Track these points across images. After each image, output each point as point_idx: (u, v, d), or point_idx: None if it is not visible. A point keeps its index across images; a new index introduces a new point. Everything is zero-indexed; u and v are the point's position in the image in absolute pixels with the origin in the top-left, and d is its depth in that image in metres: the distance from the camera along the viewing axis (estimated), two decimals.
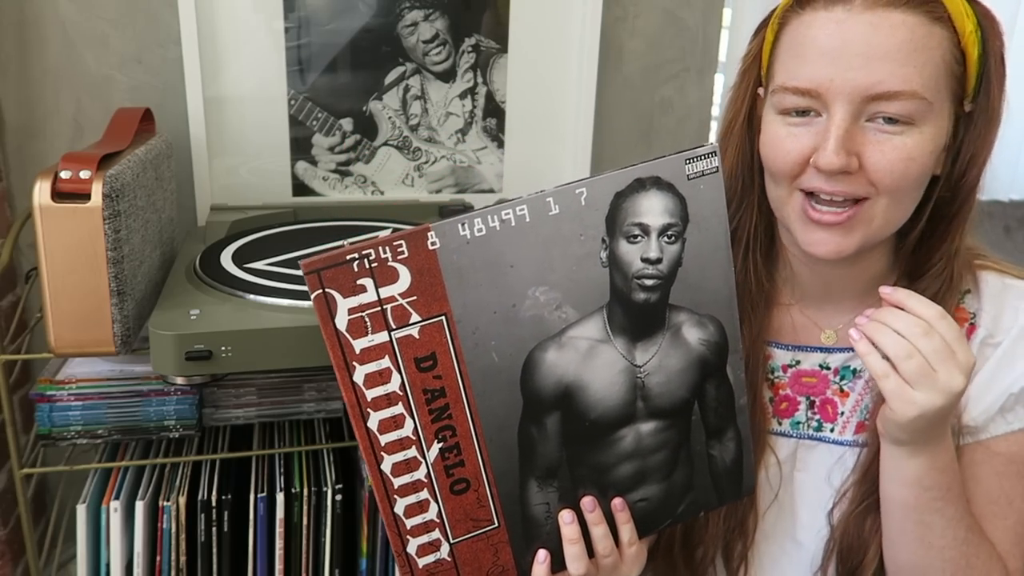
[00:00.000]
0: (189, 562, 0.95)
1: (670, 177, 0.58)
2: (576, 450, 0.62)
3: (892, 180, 0.62)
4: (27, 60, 1.11)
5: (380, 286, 0.54)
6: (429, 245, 0.54)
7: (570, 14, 1.28)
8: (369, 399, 0.57)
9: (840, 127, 0.61)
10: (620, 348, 0.60)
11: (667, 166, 0.58)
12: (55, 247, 0.77)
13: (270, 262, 0.97)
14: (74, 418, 0.92)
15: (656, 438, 0.64)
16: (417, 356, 0.56)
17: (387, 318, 0.55)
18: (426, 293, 0.55)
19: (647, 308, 0.60)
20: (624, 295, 0.59)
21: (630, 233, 0.58)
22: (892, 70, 0.59)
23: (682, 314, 0.61)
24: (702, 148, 0.58)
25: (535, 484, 0.62)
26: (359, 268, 0.53)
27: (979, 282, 0.72)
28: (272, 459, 1.01)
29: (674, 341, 0.62)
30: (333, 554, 0.98)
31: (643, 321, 0.60)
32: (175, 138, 1.14)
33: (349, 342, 0.55)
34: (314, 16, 1.18)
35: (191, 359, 0.79)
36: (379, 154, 1.27)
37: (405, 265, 0.54)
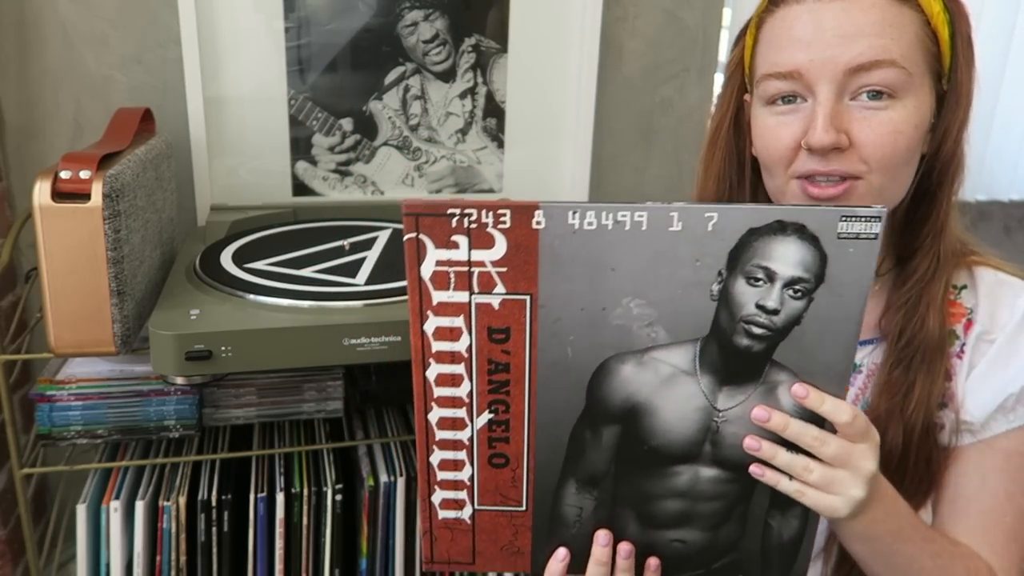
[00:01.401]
0: (189, 562, 0.95)
1: (817, 229, 0.52)
2: (626, 469, 0.60)
3: (882, 154, 0.63)
4: (27, 60, 1.11)
5: (473, 248, 0.53)
6: (533, 224, 0.53)
7: (570, 14, 1.29)
8: (433, 351, 0.56)
9: (826, 105, 0.63)
10: (703, 386, 0.57)
11: (818, 217, 0.52)
12: (55, 247, 0.77)
13: (270, 262, 0.97)
14: (74, 418, 0.92)
15: (714, 487, 0.60)
16: (492, 326, 0.56)
17: (472, 280, 0.54)
18: (517, 269, 0.54)
19: (746, 355, 0.56)
20: (725, 335, 0.55)
21: (752, 274, 0.54)
22: (869, 42, 0.62)
23: (783, 374, 0.56)
24: (868, 209, 0.52)
25: (573, 485, 0.61)
26: (457, 224, 0.53)
27: (975, 278, 0.72)
28: (272, 459, 1.01)
29: (765, 397, 0.57)
30: (333, 554, 0.98)
31: (737, 367, 0.56)
32: (175, 138, 1.14)
33: (428, 291, 0.55)
34: (314, 16, 1.18)
35: (191, 359, 0.79)
36: (379, 154, 1.27)
37: (504, 235, 0.53)
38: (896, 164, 0.65)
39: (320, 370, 1.00)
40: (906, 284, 0.70)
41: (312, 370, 1.00)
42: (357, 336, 0.83)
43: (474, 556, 0.64)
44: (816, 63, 0.63)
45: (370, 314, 0.85)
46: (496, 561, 0.64)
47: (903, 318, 0.70)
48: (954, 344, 0.71)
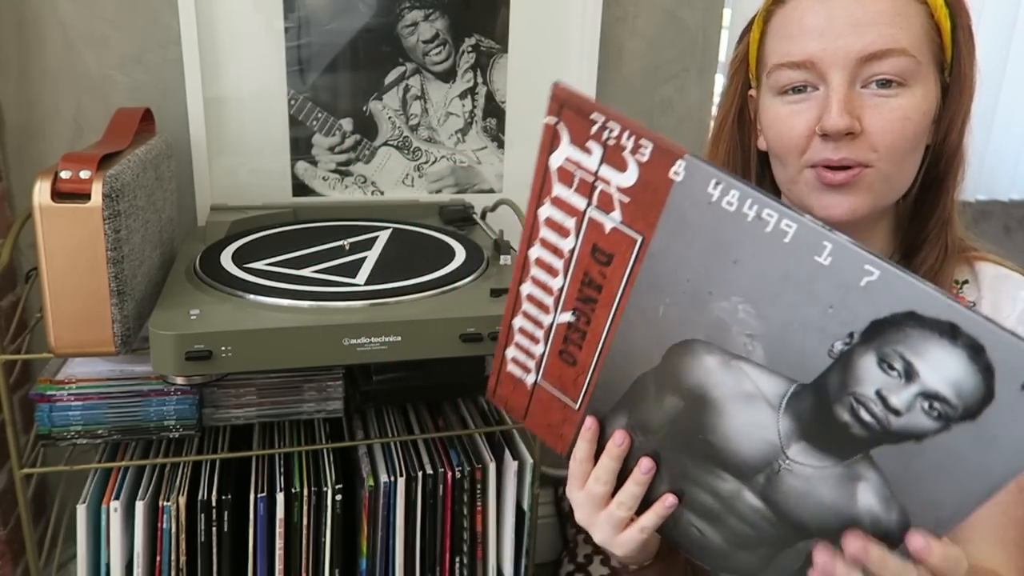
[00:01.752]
0: (189, 562, 0.95)
1: (999, 360, 0.40)
2: (678, 441, 0.56)
3: (892, 140, 0.64)
4: (27, 60, 1.11)
5: (604, 162, 0.51)
6: (671, 173, 0.48)
7: (570, 14, 1.29)
8: (540, 235, 0.56)
9: (839, 91, 0.64)
10: (782, 427, 0.50)
11: (1007, 350, 0.40)
12: (55, 247, 0.77)
13: (270, 262, 0.97)
14: (74, 418, 0.92)
15: (753, 515, 0.55)
16: (597, 244, 0.54)
17: (593, 193, 0.52)
18: (639, 206, 0.50)
19: (840, 428, 0.47)
20: (828, 397, 0.47)
21: (889, 359, 0.44)
22: (880, 31, 0.63)
23: (872, 473, 0.47)
24: None
25: (624, 419, 0.59)
26: (596, 132, 0.50)
27: (977, 272, 0.73)
28: (272, 459, 1.01)
29: (839, 480, 0.49)
30: (333, 554, 0.98)
31: (826, 434, 0.48)
32: (175, 138, 1.14)
33: (551, 181, 0.54)
34: (314, 16, 1.18)
35: (191, 359, 0.79)
36: (379, 154, 1.27)
37: (638, 167, 0.49)
38: (904, 151, 0.66)
39: (320, 370, 1.00)
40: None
41: (312, 370, 1.00)
42: (357, 336, 0.83)
43: (526, 414, 0.65)
44: (829, 51, 0.64)
45: (370, 314, 0.85)
46: (541, 430, 0.65)
47: None
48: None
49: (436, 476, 1.01)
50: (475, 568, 1.07)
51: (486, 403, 1.16)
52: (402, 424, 1.09)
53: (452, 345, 0.86)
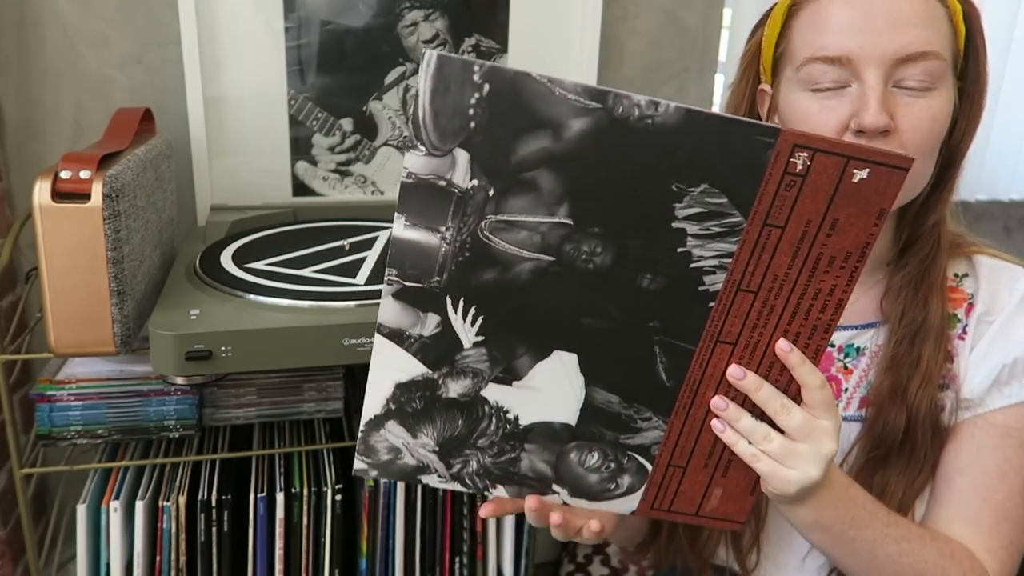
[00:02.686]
0: (189, 562, 0.95)
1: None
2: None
3: (921, 139, 0.65)
4: (27, 60, 1.11)
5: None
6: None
7: (570, 14, 1.28)
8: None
9: (877, 89, 0.64)
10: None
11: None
12: (55, 247, 0.77)
13: (270, 262, 0.97)
14: (74, 418, 0.92)
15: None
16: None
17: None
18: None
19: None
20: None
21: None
22: (917, 33, 0.63)
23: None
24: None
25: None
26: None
27: (975, 265, 0.75)
28: (272, 459, 1.01)
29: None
30: (333, 554, 0.98)
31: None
32: (175, 138, 1.14)
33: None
34: (314, 16, 1.18)
35: (191, 359, 0.79)
36: (379, 154, 1.27)
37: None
38: (930, 150, 0.67)
39: (320, 370, 1.00)
40: (906, 268, 0.72)
41: (312, 370, 1.00)
42: (357, 336, 0.83)
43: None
44: (867, 49, 0.64)
45: (370, 314, 0.85)
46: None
47: (905, 300, 0.72)
48: (956, 327, 0.72)
49: None
50: (475, 568, 1.07)
51: None
52: None
53: None
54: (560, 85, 0.47)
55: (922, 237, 0.72)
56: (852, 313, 0.76)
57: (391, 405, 0.56)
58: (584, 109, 0.47)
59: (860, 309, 0.76)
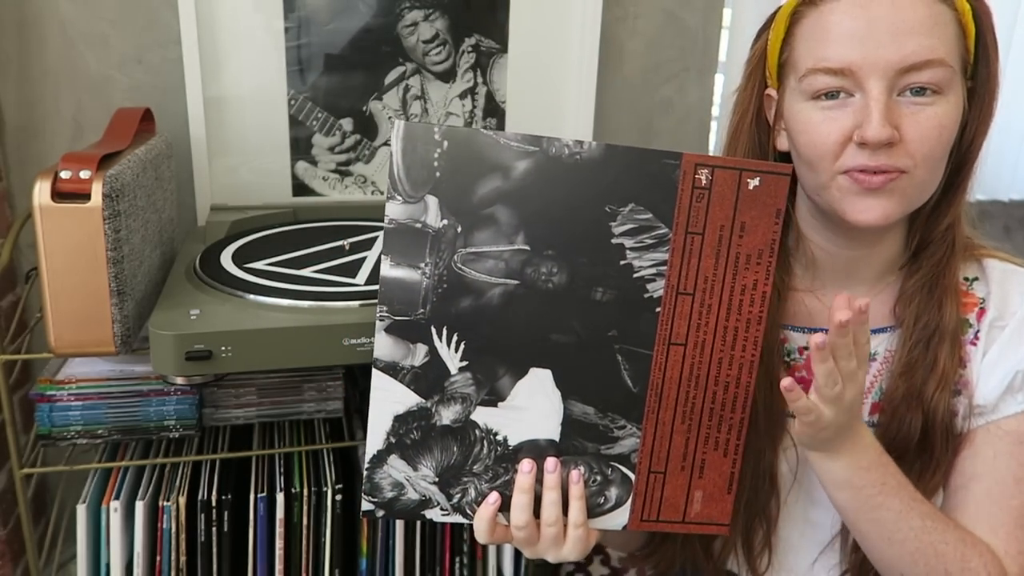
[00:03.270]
0: (189, 562, 0.95)
1: None
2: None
3: (929, 148, 0.64)
4: (27, 60, 1.11)
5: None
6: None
7: (570, 14, 1.28)
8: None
9: (880, 101, 0.63)
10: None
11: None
12: (55, 247, 0.77)
13: (270, 262, 0.97)
14: (74, 418, 0.92)
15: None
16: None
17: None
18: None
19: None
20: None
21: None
22: (919, 41, 0.62)
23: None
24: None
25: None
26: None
27: (985, 269, 0.74)
28: (272, 459, 1.01)
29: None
30: (333, 554, 0.98)
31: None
32: (175, 138, 1.14)
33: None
34: (314, 16, 1.18)
35: (191, 359, 0.79)
36: (379, 154, 1.27)
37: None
38: (938, 158, 0.66)
39: (320, 370, 1.00)
40: (920, 271, 0.72)
41: (312, 370, 1.00)
42: (357, 336, 0.83)
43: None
44: (869, 60, 0.63)
45: (370, 314, 0.85)
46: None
47: (919, 304, 0.71)
48: (968, 332, 0.72)
49: None
50: (475, 568, 1.07)
51: None
52: None
53: None
54: (503, 136, 0.58)
55: (935, 240, 0.71)
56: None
57: (391, 439, 0.62)
58: (524, 152, 0.57)
59: (872, 313, 0.75)
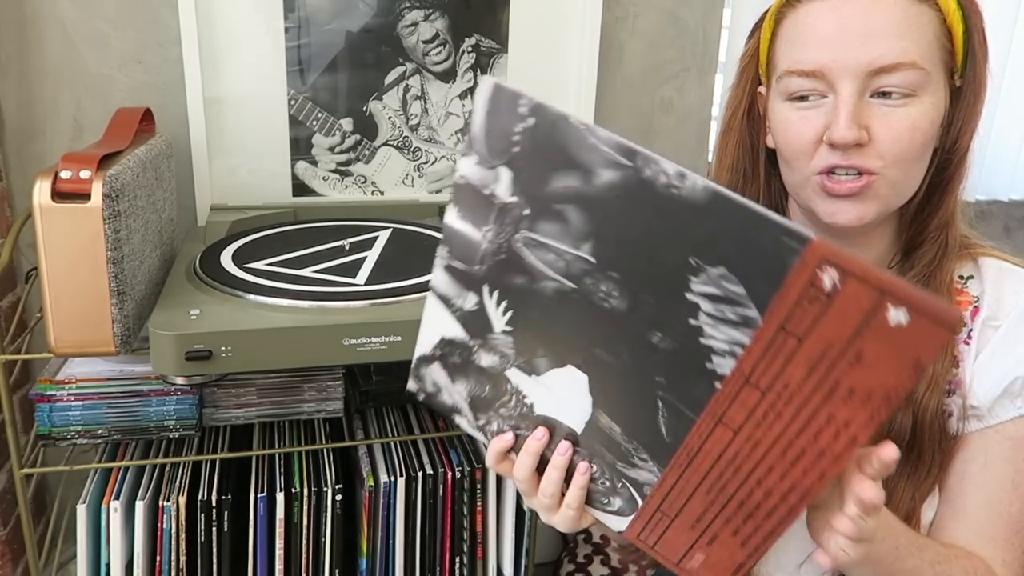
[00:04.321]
0: (189, 562, 0.95)
1: None
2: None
3: (899, 150, 0.64)
4: (27, 60, 1.11)
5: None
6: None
7: (570, 14, 1.29)
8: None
9: (848, 103, 0.64)
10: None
11: None
12: (55, 247, 0.77)
13: (270, 262, 0.97)
14: (74, 418, 0.92)
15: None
16: None
17: None
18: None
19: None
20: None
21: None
22: (890, 44, 0.63)
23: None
24: None
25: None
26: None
27: (980, 268, 0.74)
28: (272, 459, 1.01)
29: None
30: (333, 554, 0.98)
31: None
32: (175, 138, 1.14)
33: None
34: (314, 16, 1.18)
35: (191, 359, 0.79)
36: (379, 154, 1.27)
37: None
38: (911, 159, 0.66)
39: (320, 370, 1.00)
40: (911, 271, 0.72)
41: (312, 370, 1.00)
42: (357, 336, 0.83)
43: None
44: (839, 62, 0.64)
45: (370, 314, 0.85)
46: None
47: None
48: (961, 331, 0.71)
49: (436, 476, 1.01)
50: (475, 568, 1.07)
51: None
52: (402, 424, 1.09)
53: None
54: (594, 134, 0.48)
55: (927, 240, 0.71)
56: None
57: (437, 351, 0.61)
58: (614, 162, 0.49)
59: None
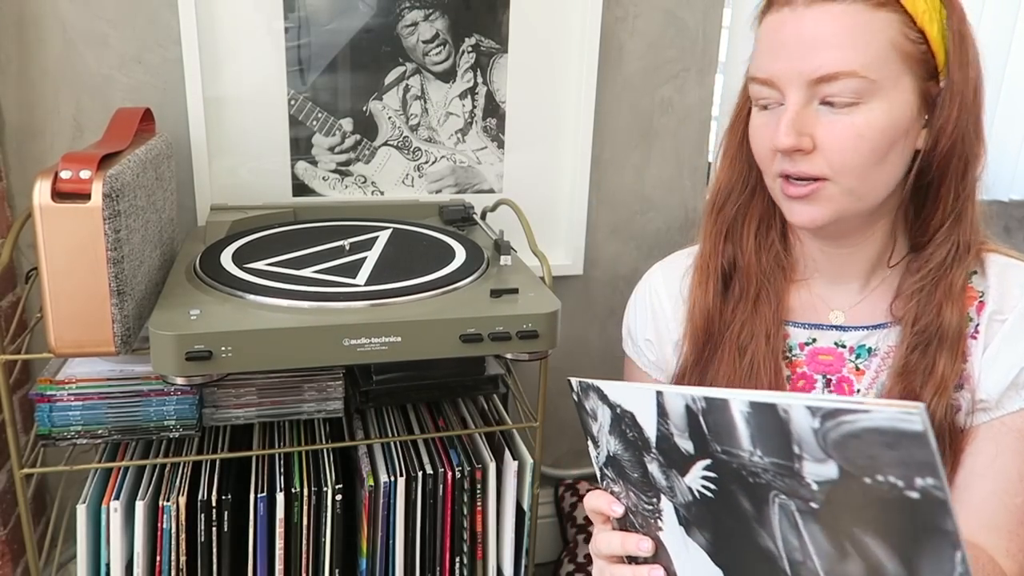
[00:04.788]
0: (189, 562, 0.95)
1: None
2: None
3: (843, 157, 0.66)
4: (27, 60, 1.11)
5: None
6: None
7: (570, 14, 1.29)
8: None
9: (790, 110, 0.66)
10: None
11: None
12: (55, 247, 0.77)
13: (270, 262, 0.97)
14: (74, 418, 0.92)
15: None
16: None
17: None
18: None
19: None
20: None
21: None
22: (832, 55, 0.64)
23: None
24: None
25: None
26: None
27: (985, 264, 0.74)
28: (272, 459, 1.01)
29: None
30: (333, 554, 0.98)
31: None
32: (175, 138, 1.14)
33: None
34: (314, 16, 1.18)
35: (191, 359, 0.79)
36: (379, 154, 1.27)
37: None
38: (862, 166, 0.66)
39: (320, 370, 1.00)
40: (920, 271, 0.72)
41: (312, 370, 1.00)
42: (357, 336, 0.83)
43: None
44: (785, 71, 0.66)
45: (370, 314, 0.85)
46: None
47: (917, 305, 0.72)
48: (968, 326, 0.72)
49: (436, 476, 1.01)
50: (475, 568, 1.07)
51: (486, 403, 1.16)
52: (402, 424, 1.09)
53: (452, 345, 0.86)
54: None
55: (933, 242, 0.71)
56: (861, 314, 0.76)
57: (619, 411, 0.57)
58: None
59: (868, 310, 0.76)
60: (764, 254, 0.78)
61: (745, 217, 0.79)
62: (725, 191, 0.79)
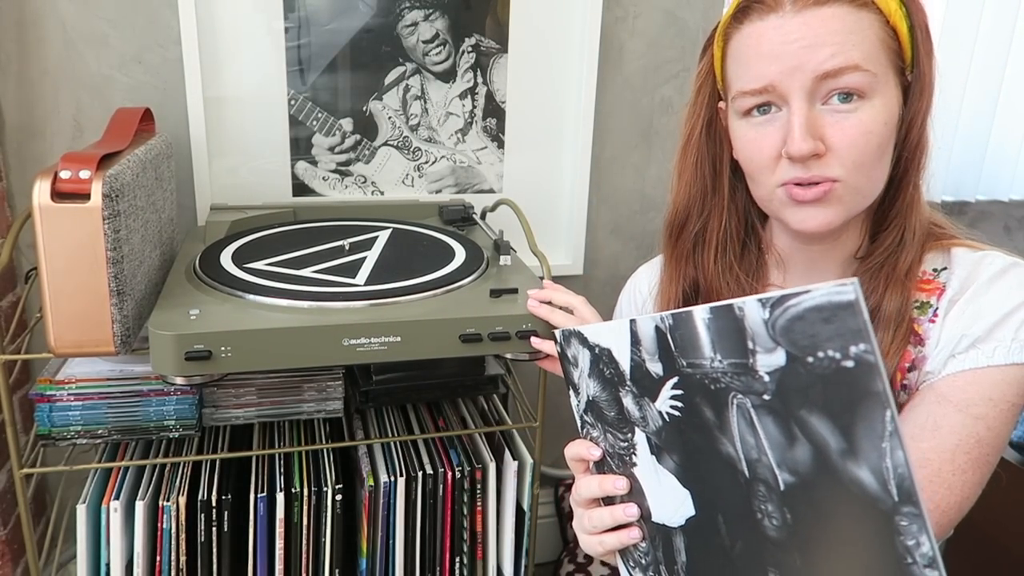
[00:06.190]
0: (189, 562, 0.95)
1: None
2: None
3: (856, 155, 0.66)
4: (27, 60, 1.11)
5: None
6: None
7: (570, 14, 1.29)
8: None
9: (800, 114, 0.65)
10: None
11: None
12: (55, 247, 0.77)
13: (270, 262, 0.97)
14: (74, 418, 0.92)
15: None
16: None
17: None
18: None
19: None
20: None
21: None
22: (833, 50, 0.64)
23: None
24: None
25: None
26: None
27: (952, 257, 0.74)
28: (272, 459, 1.01)
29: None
30: (333, 554, 0.98)
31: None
32: (175, 138, 1.14)
33: None
34: (314, 16, 1.18)
35: (191, 359, 0.79)
36: (379, 154, 1.27)
37: None
38: (870, 163, 0.67)
39: (320, 370, 1.00)
40: (868, 258, 0.73)
41: (312, 370, 1.00)
42: (357, 336, 0.83)
43: None
44: (786, 73, 0.65)
45: (370, 314, 0.85)
46: None
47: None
48: (927, 312, 0.72)
49: (436, 476, 1.01)
50: (475, 568, 1.07)
51: (486, 403, 1.16)
52: (402, 424, 1.09)
53: (452, 345, 0.86)
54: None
55: (886, 228, 0.73)
56: None
57: (596, 349, 0.62)
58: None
59: None
60: (727, 274, 0.79)
61: (704, 242, 0.80)
62: (683, 215, 0.80)
